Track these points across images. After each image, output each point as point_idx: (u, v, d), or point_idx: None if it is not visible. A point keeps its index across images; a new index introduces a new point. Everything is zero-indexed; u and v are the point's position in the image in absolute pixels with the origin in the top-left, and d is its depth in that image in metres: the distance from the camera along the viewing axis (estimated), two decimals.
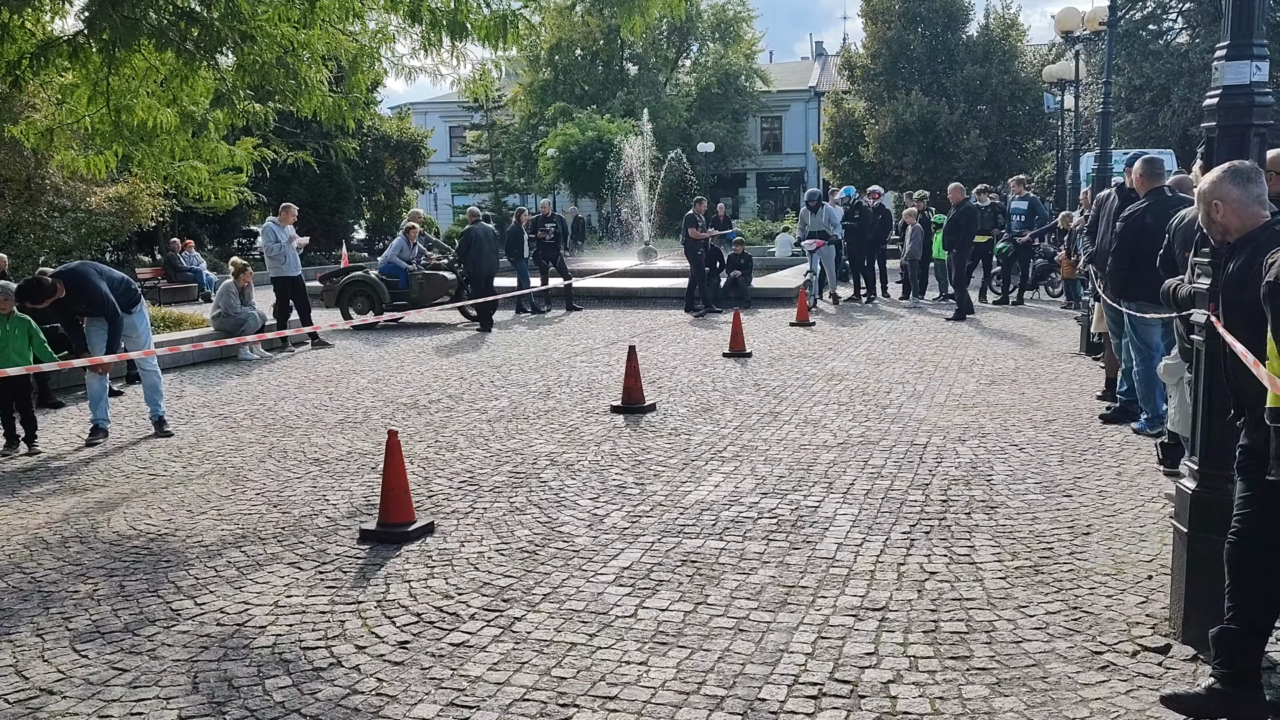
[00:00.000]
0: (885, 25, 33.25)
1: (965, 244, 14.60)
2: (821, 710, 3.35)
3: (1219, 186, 3.44)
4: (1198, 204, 3.57)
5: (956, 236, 14.57)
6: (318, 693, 3.56)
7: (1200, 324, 3.74)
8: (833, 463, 6.50)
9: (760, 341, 12.20)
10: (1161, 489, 5.69)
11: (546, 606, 4.26)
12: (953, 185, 15.26)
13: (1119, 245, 6.87)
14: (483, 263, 14.63)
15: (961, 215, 14.62)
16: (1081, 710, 3.30)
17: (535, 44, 41.87)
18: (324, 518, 5.63)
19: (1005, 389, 8.92)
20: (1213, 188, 3.46)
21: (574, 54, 46.51)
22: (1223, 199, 3.42)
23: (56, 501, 6.14)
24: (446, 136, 52.11)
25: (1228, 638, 3.25)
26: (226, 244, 30.11)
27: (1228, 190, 3.41)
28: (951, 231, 14.77)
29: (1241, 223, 3.41)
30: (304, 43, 7.20)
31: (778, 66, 54.54)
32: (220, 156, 8.70)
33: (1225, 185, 3.42)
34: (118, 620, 4.25)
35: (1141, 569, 4.51)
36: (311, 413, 8.64)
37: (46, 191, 15.02)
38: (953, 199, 14.81)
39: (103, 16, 6.17)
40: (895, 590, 4.35)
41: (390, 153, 33.54)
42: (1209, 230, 3.55)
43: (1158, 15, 30.03)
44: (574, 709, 3.40)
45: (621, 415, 8.18)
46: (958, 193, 14.82)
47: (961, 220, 14.59)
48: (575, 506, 5.71)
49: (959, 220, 14.58)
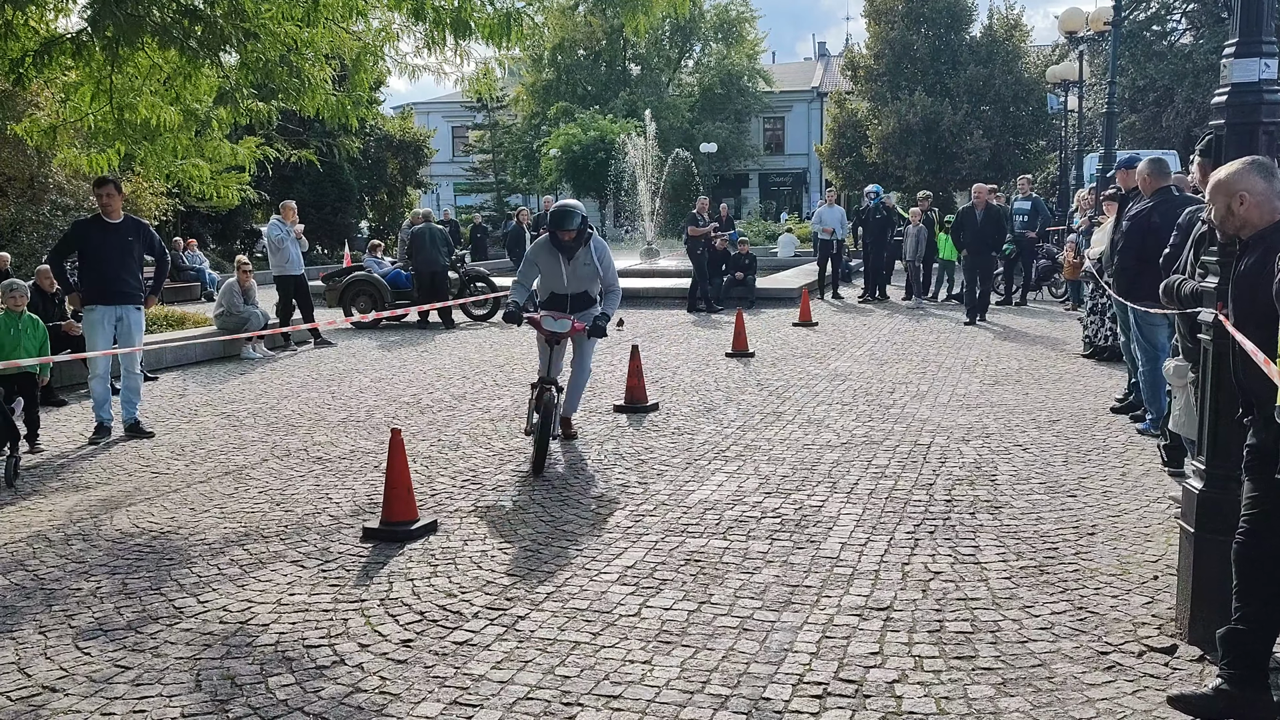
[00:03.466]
0: (888, 26, 33.22)
1: (995, 246, 14.58)
2: (826, 710, 3.34)
3: (1245, 178, 3.32)
4: (1214, 197, 3.43)
5: (986, 239, 14.37)
6: (321, 691, 3.55)
7: (1208, 323, 3.71)
8: (836, 462, 6.49)
9: (763, 341, 12.19)
10: (1166, 490, 5.68)
11: (550, 605, 4.25)
12: (977, 186, 15.08)
13: (1125, 245, 6.84)
14: (425, 259, 14.81)
15: (994, 216, 14.54)
16: (1087, 711, 3.28)
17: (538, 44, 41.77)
18: (327, 516, 5.62)
19: (1009, 389, 8.90)
20: (1238, 179, 3.33)
21: (577, 54, 46.57)
22: (1250, 190, 3.29)
23: (59, 499, 6.13)
24: (449, 136, 52.16)
25: (1235, 638, 3.23)
26: (229, 243, 30.11)
27: (1254, 182, 3.30)
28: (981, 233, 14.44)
29: (1261, 216, 3.30)
30: (307, 41, 7.20)
31: (780, 67, 54.54)
32: (223, 155, 8.70)
33: (1252, 177, 3.31)
34: (121, 618, 4.24)
35: (1147, 569, 4.49)
36: (314, 411, 8.63)
37: (50, 190, 15.02)
38: (980, 201, 14.48)
39: (106, 14, 6.17)
40: (900, 590, 4.33)
41: (393, 152, 33.55)
42: (1224, 224, 3.43)
43: (1162, 16, 30.03)
44: (578, 708, 3.38)
45: (624, 415, 8.16)
46: (985, 195, 14.63)
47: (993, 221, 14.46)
48: (578, 505, 5.70)
49: (990, 222, 14.37)
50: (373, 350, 12.50)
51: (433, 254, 14.84)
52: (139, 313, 7.93)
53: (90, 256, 7.76)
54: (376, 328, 14.65)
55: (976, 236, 14.20)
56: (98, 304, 7.71)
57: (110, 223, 7.76)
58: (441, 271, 15.00)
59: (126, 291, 7.76)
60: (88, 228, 7.94)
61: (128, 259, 7.80)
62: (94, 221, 7.92)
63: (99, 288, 7.70)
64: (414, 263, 15.07)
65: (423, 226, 15.16)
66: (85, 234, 7.89)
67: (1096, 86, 26.04)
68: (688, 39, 48.79)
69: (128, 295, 7.77)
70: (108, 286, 7.69)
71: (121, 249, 7.75)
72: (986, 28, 33.62)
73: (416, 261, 14.96)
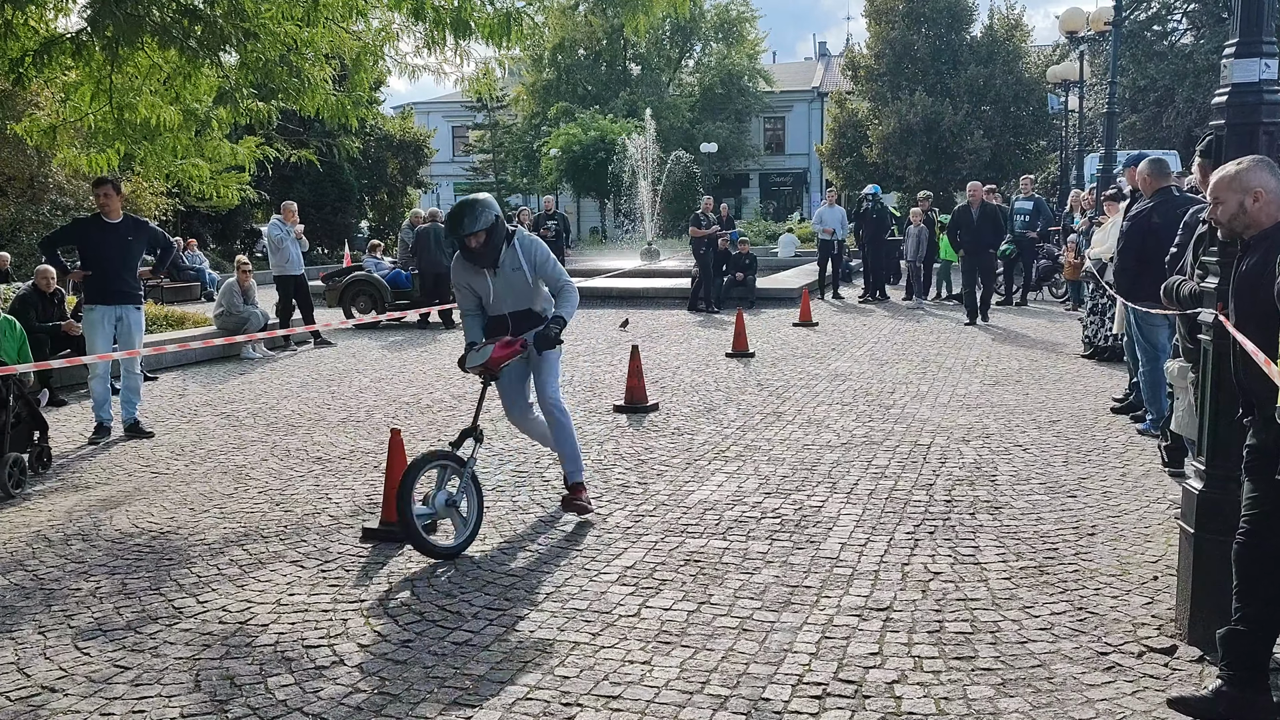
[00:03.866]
0: (889, 25, 33.23)
1: (993, 245, 14.48)
2: (826, 710, 3.34)
3: (1257, 175, 3.28)
4: (1224, 195, 3.37)
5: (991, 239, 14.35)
6: (320, 691, 3.55)
7: (1208, 323, 3.71)
8: (836, 463, 6.48)
9: (763, 342, 12.18)
10: (1166, 490, 5.67)
11: (549, 605, 4.25)
12: (972, 184, 14.92)
13: (1125, 245, 6.83)
14: (429, 260, 14.80)
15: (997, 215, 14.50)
16: (1087, 711, 3.28)
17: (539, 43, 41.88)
18: (326, 516, 5.62)
19: (1009, 389, 8.90)
20: (1250, 176, 3.29)
21: (577, 54, 46.58)
22: (1264, 187, 3.26)
23: (59, 499, 6.13)
24: (449, 136, 52.16)
25: (1235, 639, 3.23)
26: (229, 243, 30.12)
27: (1266, 179, 3.27)
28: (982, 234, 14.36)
29: (1269, 216, 3.27)
30: (307, 41, 7.19)
31: (781, 67, 54.52)
32: (223, 155, 8.69)
33: (1264, 174, 3.28)
34: (120, 618, 4.24)
35: (1147, 570, 4.49)
36: (314, 411, 8.63)
37: (49, 190, 15.04)
38: (975, 199, 14.40)
39: (106, 14, 6.16)
40: (899, 590, 4.33)
41: (393, 152, 33.55)
42: (1232, 222, 3.37)
43: (1162, 16, 30.02)
44: (577, 708, 3.38)
45: (624, 415, 8.16)
46: (980, 193, 14.51)
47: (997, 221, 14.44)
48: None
49: (987, 220, 14.33)
50: (373, 350, 12.50)
51: (437, 255, 14.84)
52: (138, 312, 7.93)
53: (90, 256, 7.76)
54: (376, 328, 14.64)
55: (973, 235, 14.14)
56: (97, 304, 7.72)
57: (110, 222, 7.76)
58: (445, 273, 15.00)
59: (126, 291, 7.76)
60: (87, 226, 7.97)
61: (128, 258, 7.80)
62: (93, 221, 7.93)
63: (98, 287, 7.70)
64: (419, 263, 15.05)
65: (427, 226, 15.10)
66: (85, 232, 7.91)
67: (1097, 86, 26.03)
68: (688, 39, 48.80)
69: (127, 295, 7.77)
70: (107, 286, 7.69)
71: (121, 248, 7.75)
72: (987, 28, 33.64)
73: (421, 262, 14.95)
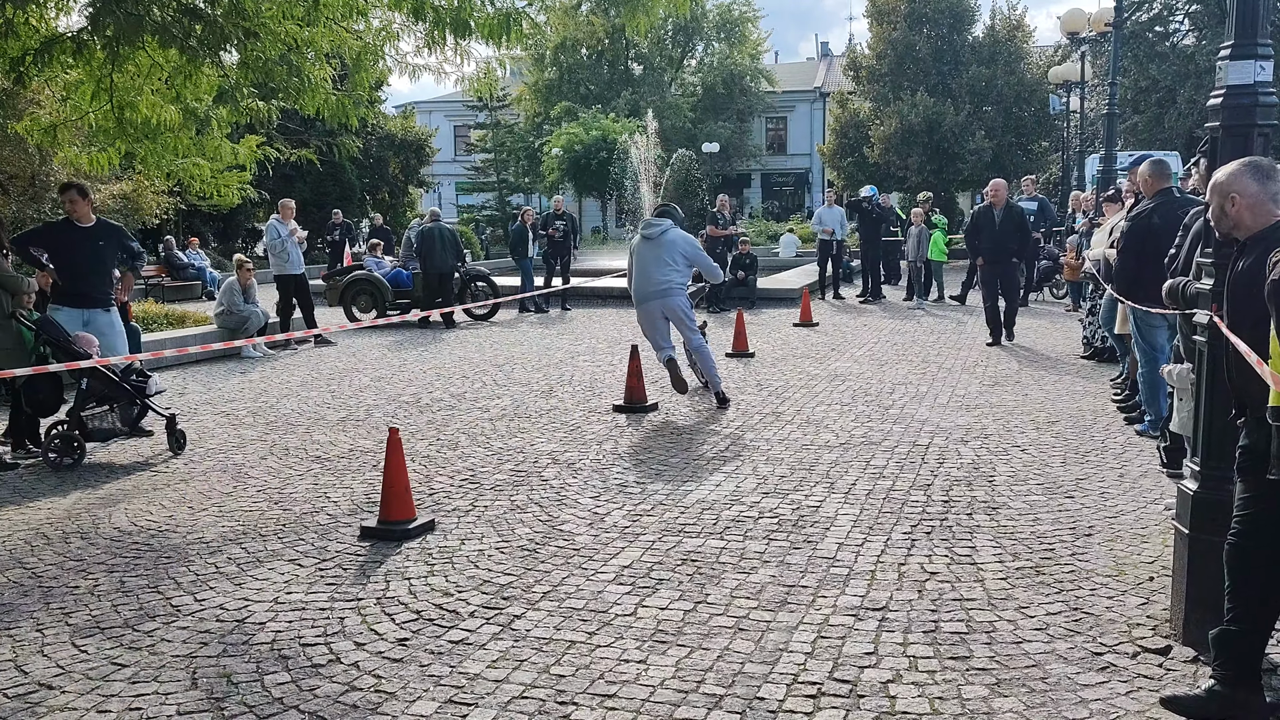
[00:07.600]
0: (891, 26, 33.22)
1: (1018, 253, 12.48)
2: (820, 709, 3.35)
3: (1238, 180, 3.34)
4: (1210, 197, 3.46)
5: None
6: (316, 689, 3.56)
7: (1203, 324, 3.72)
8: (834, 463, 6.49)
9: (763, 342, 12.19)
10: (1164, 491, 5.68)
11: (546, 605, 4.26)
12: (996, 181, 12.23)
13: (1125, 245, 6.84)
14: (434, 262, 14.86)
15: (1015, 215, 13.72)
16: (1081, 711, 3.29)
17: (540, 43, 41.87)
18: (325, 515, 5.63)
19: (1008, 390, 8.90)
20: (1231, 180, 3.35)
21: (579, 53, 46.54)
22: (1240, 193, 3.32)
23: (58, 497, 6.14)
24: (451, 136, 52.19)
25: (1228, 639, 3.23)
26: (230, 242, 30.15)
27: (1246, 184, 3.32)
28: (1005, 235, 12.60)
29: (1254, 219, 3.31)
30: (308, 40, 7.22)
31: (783, 67, 54.53)
32: (223, 154, 8.72)
33: (1244, 179, 3.33)
34: (118, 616, 4.25)
35: (1143, 570, 4.49)
36: (313, 410, 8.64)
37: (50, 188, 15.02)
38: (999, 200, 11.84)
39: (107, 13, 6.19)
40: (895, 590, 4.33)
41: (394, 151, 33.53)
42: (1218, 224, 3.45)
43: (1164, 17, 29.99)
44: (572, 707, 3.39)
45: (623, 414, 8.17)
46: (1003, 192, 12.02)
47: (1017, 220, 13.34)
48: (576, 505, 5.71)
49: (1011, 223, 13.11)
50: (372, 349, 12.51)
51: (442, 256, 14.86)
52: (108, 315, 7.71)
53: (60, 259, 7.60)
54: (376, 327, 14.65)
55: (995, 242, 11.62)
56: (64, 306, 7.60)
57: (81, 226, 7.58)
58: (449, 273, 15.06)
59: (94, 295, 7.59)
60: (56, 230, 7.77)
61: (97, 263, 7.61)
62: (64, 224, 7.72)
63: (66, 290, 7.56)
64: (422, 263, 15.11)
65: (432, 226, 15.12)
66: (54, 235, 7.71)
67: (1099, 87, 26.01)
68: (690, 38, 48.77)
69: (95, 299, 7.60)
70: (75, 288, 7.54)
71: (92, 253, 7.57)
72: (989, 28, 33.62)
73: (425, 263, 14.99)
